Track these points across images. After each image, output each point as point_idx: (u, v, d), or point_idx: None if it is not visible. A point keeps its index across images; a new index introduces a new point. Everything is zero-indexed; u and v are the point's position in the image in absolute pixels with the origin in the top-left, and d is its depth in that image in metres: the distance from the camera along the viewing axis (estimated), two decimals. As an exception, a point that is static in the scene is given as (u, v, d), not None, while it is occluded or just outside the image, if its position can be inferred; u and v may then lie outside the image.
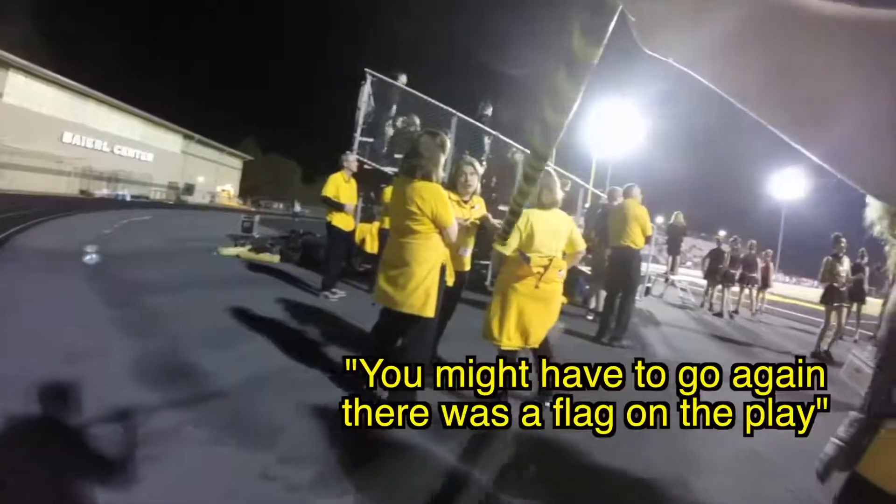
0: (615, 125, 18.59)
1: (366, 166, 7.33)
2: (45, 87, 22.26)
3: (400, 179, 2.58)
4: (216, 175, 40.29)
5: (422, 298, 2.43)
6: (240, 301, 4.28)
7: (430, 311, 2.45)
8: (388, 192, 5.91)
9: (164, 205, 24.94)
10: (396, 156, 7.42)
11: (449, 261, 2.65)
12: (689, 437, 2.78)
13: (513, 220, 1.66)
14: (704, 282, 10.15)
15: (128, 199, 23.52)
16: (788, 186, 35.09)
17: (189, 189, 33.77)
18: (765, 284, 9.85)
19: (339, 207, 5.25)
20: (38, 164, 21.29)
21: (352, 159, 5.56)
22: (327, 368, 2.98)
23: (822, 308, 6.15)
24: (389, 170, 7.38)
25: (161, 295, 4.30)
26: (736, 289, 9.69)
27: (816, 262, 6.32)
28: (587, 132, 18.84)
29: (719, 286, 9.40)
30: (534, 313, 2.72)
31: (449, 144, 2.59)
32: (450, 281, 2.73)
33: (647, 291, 9.58)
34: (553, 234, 2.74)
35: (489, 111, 7.72)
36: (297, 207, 38.66)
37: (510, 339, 2.74)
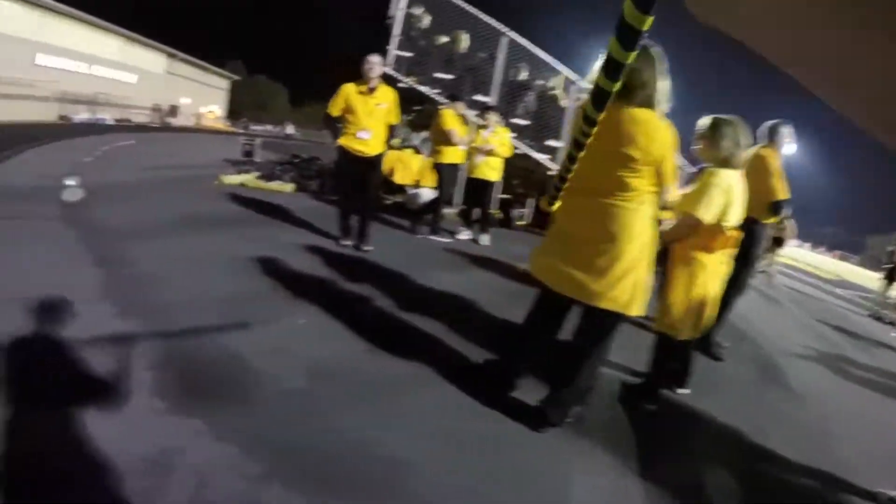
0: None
1: (400, 84, 6.12)
2: (11, 3, 18.21)
3: (612, 105, 1.63)
4: (201, 96, 35.65)
5: (629, 291, 1.70)
6: (264, 248, 3.36)
7: (637, 309, 1.75)
8: (446, 116, 4.81)
9: (147, 128, 22.59)
10: (436, 75, 6.41)
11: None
12: None
13: (559, 187, 1.81)
14: None
15: (110, 122, 21.17)
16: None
17: (173, 111, 30.11)
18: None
19: (334, 131, 3.92)
20: (10, 91, 17.86)
21: (374, 61, 3.77)
22: (418, 352, 2.24)
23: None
24: (426, 90, 6.34)
25: (154, 242, 3.29)
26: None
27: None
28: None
29: None
30: (715, 294, 2.24)
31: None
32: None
33: None
34: (742, 200, 2.20)
35: None
36: (290, 129, 35.20)
37: (691, 330, 2.21)
